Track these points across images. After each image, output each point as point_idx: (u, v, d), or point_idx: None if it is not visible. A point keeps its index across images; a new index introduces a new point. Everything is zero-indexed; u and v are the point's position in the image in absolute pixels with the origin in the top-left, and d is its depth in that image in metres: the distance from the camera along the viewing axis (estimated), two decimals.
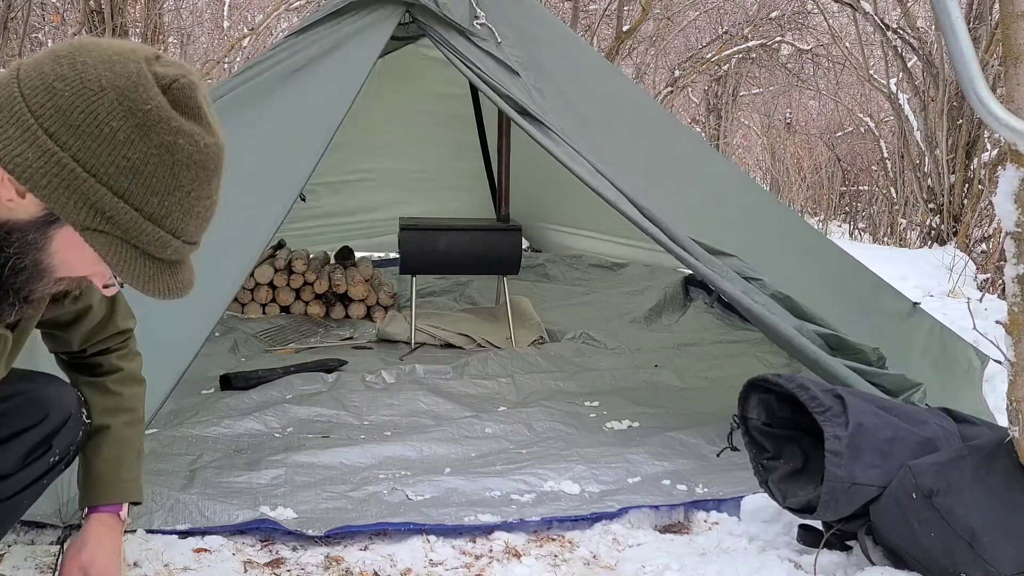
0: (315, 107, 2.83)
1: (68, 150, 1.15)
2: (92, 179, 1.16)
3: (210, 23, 12.43)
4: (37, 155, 1.14)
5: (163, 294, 1.25)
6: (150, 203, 1.18)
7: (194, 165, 1.19)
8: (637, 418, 3.07)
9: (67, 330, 1.68)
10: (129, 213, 1.18)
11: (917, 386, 2.62)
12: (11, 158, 1.15)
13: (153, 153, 1.16)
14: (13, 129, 1.15)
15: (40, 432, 1.61)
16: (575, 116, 2.95)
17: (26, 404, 1.61)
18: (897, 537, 1.95)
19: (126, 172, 1.16)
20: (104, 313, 1.71)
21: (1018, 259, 1.80)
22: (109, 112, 1.15)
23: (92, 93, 1.14)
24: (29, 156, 1.14)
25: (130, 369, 1.79)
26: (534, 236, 6.25)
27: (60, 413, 1.63)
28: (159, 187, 1.18)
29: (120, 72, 1.16)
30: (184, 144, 1.18)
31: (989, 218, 6.63)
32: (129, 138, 1.15)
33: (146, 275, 1.23)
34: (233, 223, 2.51)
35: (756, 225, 3.16)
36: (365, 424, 3.02)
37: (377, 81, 4.99)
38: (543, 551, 2.20)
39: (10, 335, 1.44)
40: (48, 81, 1.15)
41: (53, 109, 1.14)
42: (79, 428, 1.69)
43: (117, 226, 1.18)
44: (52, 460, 1.65)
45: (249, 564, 2.08)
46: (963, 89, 1.77)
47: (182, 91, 1.18)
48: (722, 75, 13.07)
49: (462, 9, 2.93)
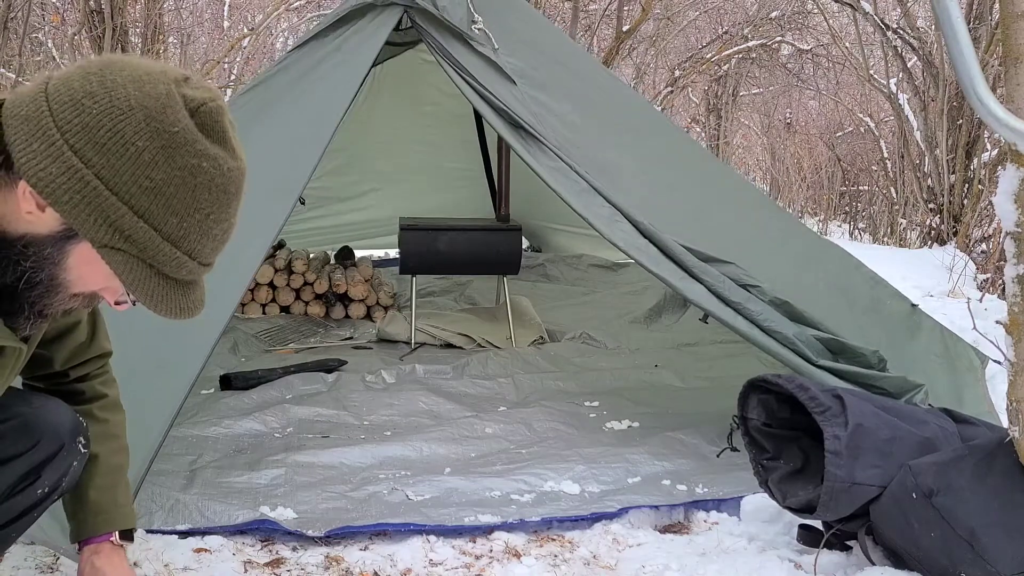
0: (313, 110, 2.83)
1: (92, 167, 1.15)
2: (114, 197, 1.16)
3: (210, 23, 12.42)
4: (61, 171, 1.15)
5: (175, 314, 1.25)
6: (169, 224, 1.18)
7: (216, 188, 1.20)
8: (637, 418, 3.07)
9: (51, 347, 1.63)
10: (148, 233, 1.18)
11: (919, 387, 2.62)
12: (34, 172, 1.15)
13: (176, 175, 1.17)
14: (39, 143, 1.15)
15: (30, 460, 1.54)
16: (571, 125, 2.94)
17: (18, 429, 1.53)
18: (897, 537, 1.95)
19: (148, 192, 1.16)
20: (87, 333, 1.67)
21: (1018, 259, 1.80)
22: (136, 132, 1.15)
23: (120, 112, 1.15)
24: (53, 171, 1.15)
25: (113, 396, 1.76)
26: (534, 236, 6.25)
27: (53, 442, 1.55)
28: (179, 208, 1.18)
29: (149, 92, 1.16)
30: (208, 167, 1.18)
31: (989, 218, 6.63)
32: (154, 159, 1.16)
33: (160, 294, 1.23)
34: (238, 229, 2.53)
35: (754, 230, 3.16)
36: (365, 424, 3.02)
37: (377, 83, 5.01)
38: (543, 551, 2.20)
39: (24, 348, 1.42)
40: (77, 97, 1.15)
41: (80, 126, 1.14)
42: (73, 458, 1.60)
43: (135, 245, 1.18)
44: (40, 492, 1.57)
45: (249, 564, 2.08)
46: (963, 89, 1.77)
47: (209, 115, 1.19)
48: (722, 75, 13.06)
49: (460, 13, 2.92)
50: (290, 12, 11.35)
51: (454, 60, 2.87)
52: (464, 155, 5.66)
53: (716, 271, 2.68)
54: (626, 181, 2.85)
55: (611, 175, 2.82)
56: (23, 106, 1.18)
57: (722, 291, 2.65)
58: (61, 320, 1.59)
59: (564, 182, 2.75)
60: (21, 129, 1.16)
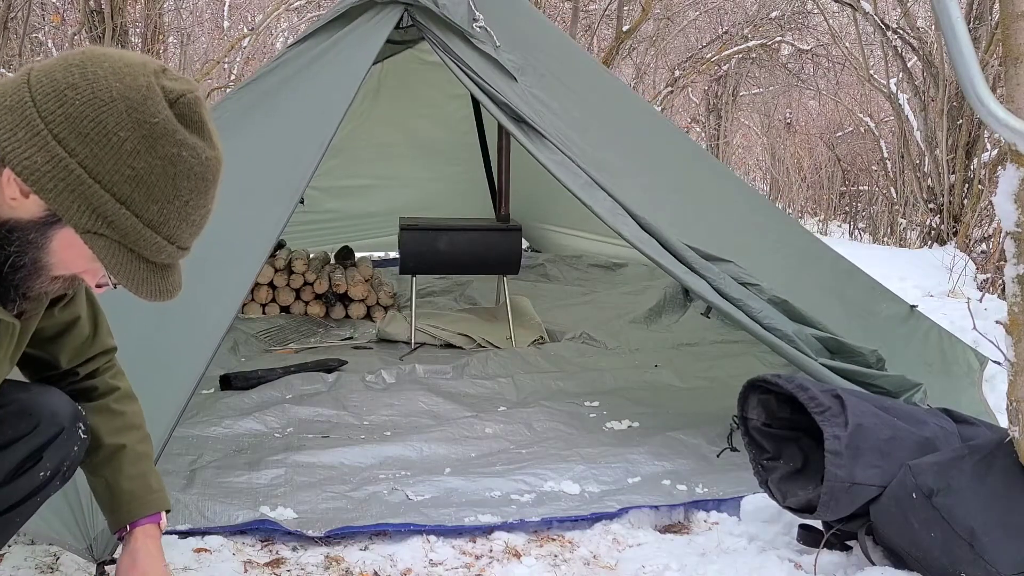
0: (314, 110, 2.83)
1: (76, 156, 1.19)
2: (97, 186, 1.20)
3: (210, 23, 12.43)
4: (46, 159, 1.19)
5: (155, 296, 1.29)
6: (150, 210, 1.23)
7: (194, 176, 1.24)
8: (637, 418, 3.07)
9: (52, 346, 1.64)
10: (130, 219, 1.22)
11: (917, 386, 2.62)
12: (19, 160, 1.19)
13: (157, 164, 1.21)
14: (23, 132, 1.19)
15: (30, 444, 1.55)
16: (572, 122, 2.94)
17: (17, 413, 1.55)
18: (897, 537, 1.95)
19: (130, 180, 1.21)
20: (89, 330, 1.69)
21: (1018, 259, 1.80)
22: (118, 123, 1.19)
23: (102, 103, 1.19)
24: (38, 160, 1.19)
25: (126, 387, 1.78)
26: (534, 236, 6.25)
27: (53, 425, 1.57)
28: (160, 196, 1.23)
29: (130, 84, 1.20)
30: (187, 156, 1.23)
31: (989, 218, 6.63)
32: (136, 149, 1.20)
33: (140, 278, 1.27)
34: (238, 230, 2.52)
35: (753, 230, 3.16)
36: (365, 424, 3.02)
37: (376, 84, 5.01)
38: (543, 551, 2.20)
39: (17, 324, 1.43)
40: (59, 88, 1.19)
41: (63, 116, 1.18)
42: (73, 443, 1.60)
43: (116, 231, 1.23)
44: (43, 475, 1.58)
45: (249, 564, 2.08)
46: (963, 89, 1.77)
47: (188, 106, 1.23)
48: (722, 75, 13.06)
49: (462, 11, 2.92)
50: (290, 12, 11.34)
51: (456, 56, 2.87)
52: (464, 155, 5.66)
53: (716, 268, 2.68)
54: (625, 180, 2.85)
55: (610, 173, 2.82)
56: (6, 96, 1.21)
57: (723, 287, 2.65)
58: (59, 316, 1.61)
59: (568, 175, 2.76)
60: (5, 119, 1.20)
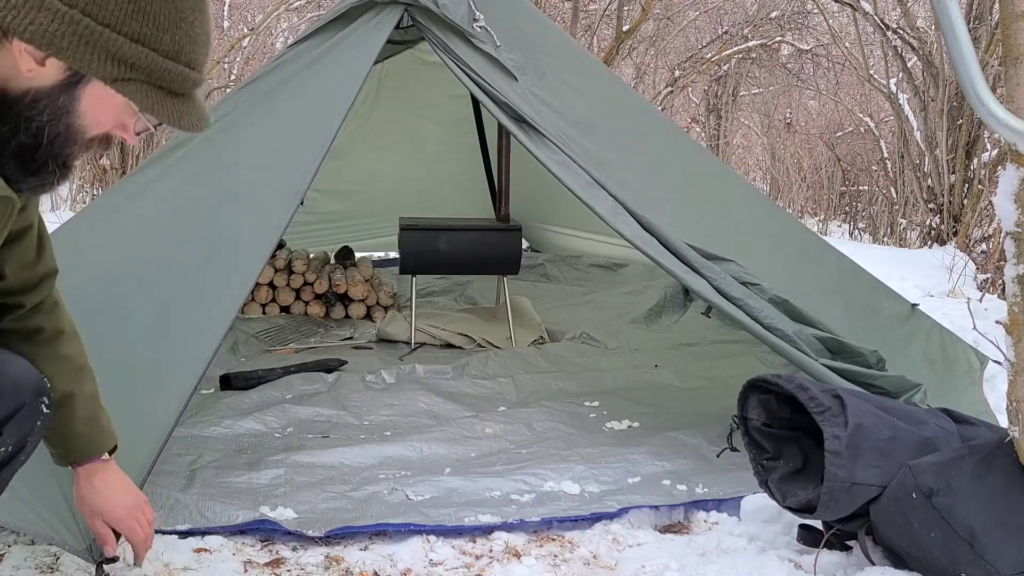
0: (314, 110, 2.83)
1: (76, 7, 1.18)
2: (108, 30, 1.20)
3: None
4: (49, 19, 1.17)
5: (195, 126, 1.31)
6: (164, 41, 1.24)
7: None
8: (637, 418, 3.07)
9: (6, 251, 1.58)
10: (149, 55, 1.23)
11: (917, 386, 2.62)
12: (25, 27, 1.17)
13: None
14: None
15: None
16: (572, 121, 2.94)
17: None
18: (897, 537, 1.95)
19: (135, 15, 1.21)
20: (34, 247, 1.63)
21: (1018, 259, 1.80)
22: None
23: None
24: (43, 21, 1.17)
25: (69, 328, 1.74)
26: (534, 236, 6.25)
27: (13, 399, 1.50)
28: (166, 23, 1.23)
29: None
30: None
31: (989, 218, 6.63)
32: None
33: (177, 111, 1.28)
34: (240, 230, 2.52)
35: (754, 229, 3.16)
36: (365, 424, 3.02)
37: (377, 84, 5.01)
38: (543, 551, 2.20)
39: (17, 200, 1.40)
40: None
41: None
42: (36, 418, 1.54)
43: (141, 71, 1.24)
44: (3, 451, 1.51)
45: (249, 564, 2.08)
46: (963, 89, 1.77)
47: None
48: (722, 75, 13.06)
49: (462, 11, 2.92)
50: (290, 12, 11.35)
51: (456, 56, 2.87)
52: (464, 155, 5.66)
53: (717, 268, 2.68)
54: (626, 179, 2.85)
55: (611, 172, 2.82)
56: None
57: (723, 287, 2.65)
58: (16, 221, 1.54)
59: (569, 175, 2.76)
60: None
